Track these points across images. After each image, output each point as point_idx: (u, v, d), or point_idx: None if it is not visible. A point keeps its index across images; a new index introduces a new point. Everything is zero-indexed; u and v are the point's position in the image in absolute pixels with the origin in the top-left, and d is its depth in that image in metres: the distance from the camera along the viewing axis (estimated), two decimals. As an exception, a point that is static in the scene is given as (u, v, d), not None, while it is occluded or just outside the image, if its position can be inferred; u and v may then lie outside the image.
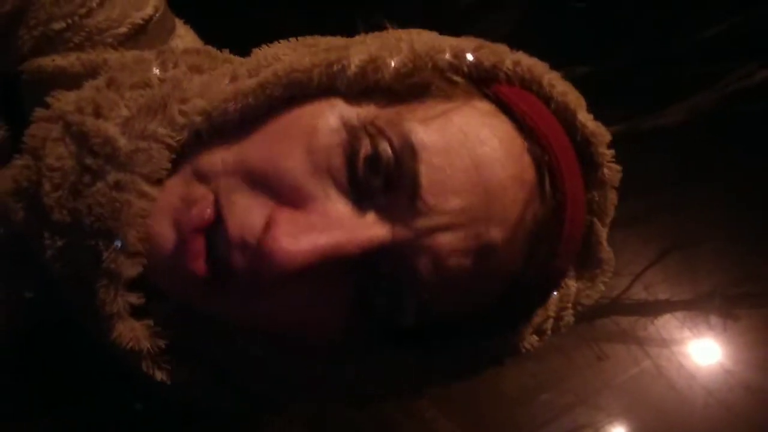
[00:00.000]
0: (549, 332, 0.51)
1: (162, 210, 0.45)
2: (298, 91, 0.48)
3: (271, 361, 0.49)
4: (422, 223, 0.43)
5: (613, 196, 0.52)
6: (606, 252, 0.52)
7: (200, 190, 0.45)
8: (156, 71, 0.50)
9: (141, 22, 0.57)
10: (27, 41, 0.54)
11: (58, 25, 0.55)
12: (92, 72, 0.52)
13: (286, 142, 0.46)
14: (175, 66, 0.51)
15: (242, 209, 0.44)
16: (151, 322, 0.46)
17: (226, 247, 0.44)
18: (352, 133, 0.44)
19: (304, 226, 0.43)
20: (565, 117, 0.51)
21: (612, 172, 0.51)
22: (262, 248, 0.42)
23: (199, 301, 0.46)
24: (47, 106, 0.49)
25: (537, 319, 0.50)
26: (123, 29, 0.56)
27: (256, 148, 0.46)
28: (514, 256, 0.45)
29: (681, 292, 1.79)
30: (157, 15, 0.58)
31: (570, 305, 0.51)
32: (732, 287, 1.77)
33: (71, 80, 0.52)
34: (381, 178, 0.43)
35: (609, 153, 0.52)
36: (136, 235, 0.44)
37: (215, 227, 0.44)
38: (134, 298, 0.45)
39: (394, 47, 0.48)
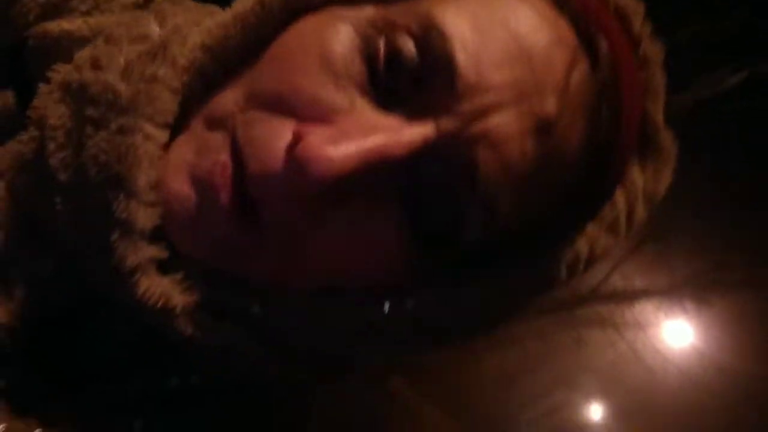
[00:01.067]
0: (623, 230, 0.47)
1: (176, 166, 0.42)
2: (300, 5, 0.45)
3: (317, 312, 0.44)
4: (468, 105, 0.39)
5: (659, 76, 0.48)
6: (667, 138, 0.48)
7: (215, 137, 0.42)
8: (156, 28, 0.47)
9: None
10: (33, 8, 0.53)
11: None
12: (98, 36, 0.49)
13: (298, 57, 0.42)
14: (174, 16, 0.49)
15: (262, 139, 0.40)
16: (179, 276, 0.43)
17: (252, 182, 0.40)
18: (365, 36, 0.41)
19: (338, 134, 0.38)
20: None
21: (655, 48, 0.48)
22: (295, 162, 0.38)
23: (230, 255, 0.42)
24: (49, 81, 0.48)
25: (607, 219, 0.46)
26: None
27: (266, 73, 0.43)
28: (575, 130, 0.41)
29: (656, 280, 1.83)
30: None
31: (640, 197, 0.47)
32: (705, 275, 1.83)
33: (77, 45, 0.50)
34: (407, 76, 0.40)
35: (648, 26, 0.48)
36: (146, 179, 0.41)
37: (240, 169, 0.40)
38: (156, 251, 0.42)
39: None
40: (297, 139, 0.38)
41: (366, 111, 0.40)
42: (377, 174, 0.39)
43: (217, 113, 0.43)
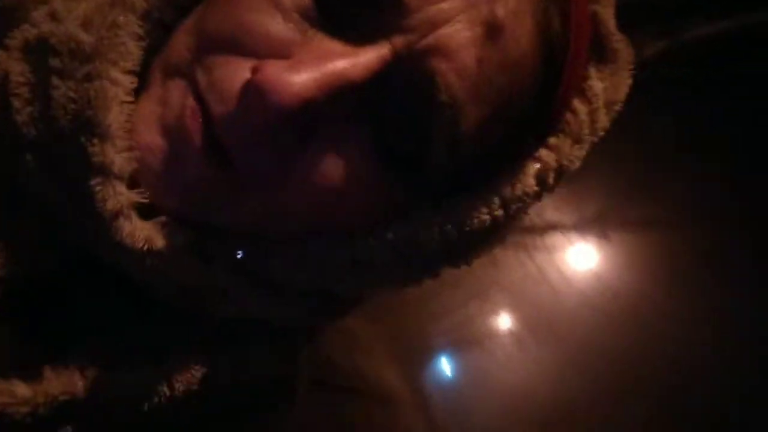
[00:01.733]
0: (587, 138, 0.46)
1: (144, 118, 0.41)
2: None
3: (300, 251, 0.43)
4: (418, 20, 0.37)
5: None
6: (620, 41, 0.47)
7: (177, 86, 0.41)
8: None
9: None
10: None
11: None
12: None
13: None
14: None
15: (221, 81, 0.39)
16: (163, 219, 0.42)
17: (218, 126, 0.39)
18: None
19: (296, 63, 0.37)
20: None
21: None
22: (254, 93, 0.36)
23: (208, 204, 0.42)
24: (8, 47, 0.45)
25: (570, 129, 0.45)
26: None
27: (215, 14, 0.41)
28: (524, 32, 0.40)
29: (566, 214, 2.02)
30: None
31: (601, 105, 0.46)
32: (608, 212, 2.04)
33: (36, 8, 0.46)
34: (355, 1, 0.39)
35: None
36: (117, 123, 0.40)
37: (205, 114, 0.40)
38: (136, 196, 0.41)
39: None
40: (254, 73, 0.37)
41: (319, 40, 0.39)
42: (340, 102, 0.38)
43: (173, 61, 0.42)
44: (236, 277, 0.44)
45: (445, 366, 2.00)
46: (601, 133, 0.48)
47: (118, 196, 0.40)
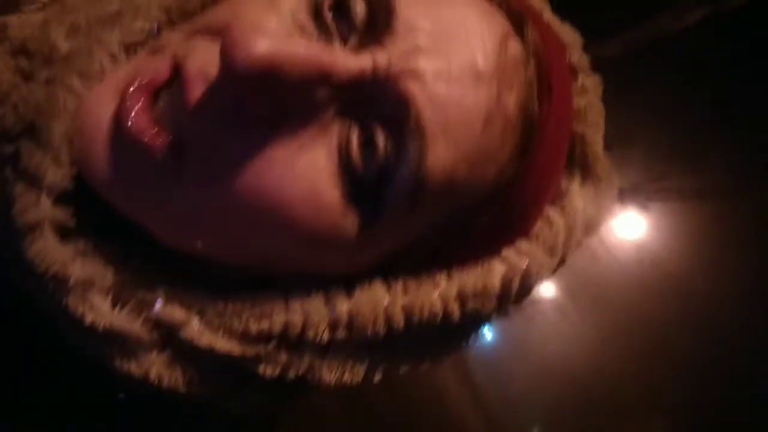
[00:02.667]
0: (560, 252, 0.44)
1: (105, 83, 0.39)
2: None
3: (238, 306, 0.40)
4: (402, 44, 0.37)
5: (599, 106, 0.47)
6: (605, 167, 0.46)
7: (155, 59, 0.39)
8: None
9: None
10: None
11: None
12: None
13: (249, 1, 0.39)
14: None
15: (199, 60, 0.37)
16: (81, 245, 0.38)
17: (182, 102, 0.36)
18: None
19: (272, 31, 0.36)
20: (533, 14, 0.45)
21: (592, 80, 0.47)
22: (224, 47, 0.34)
23: (143, 190, 0.38)
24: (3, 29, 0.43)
25: (543, 237, 0.44)
26: None
27: (216, 11, 0.40)
28: (511, 97, 0.39)
29: None
30: None
31: (578, 223, 0.45)
32: (650, 183, 2.04)
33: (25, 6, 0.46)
34: (348, 16, 0.38)
35: (586, 58, 0.47)
36: (61, 133, 0.37)
37: (174, 88, 0.37)
38: (60, 214, 0.38)
39: None
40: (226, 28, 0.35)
41: (305, 39, 0.38)
42: (311, 93, 0.36)
43: (163, 43, 0.40)
44: (146, 330, 0.39)
45: (486, 331, 2.02)
46: (574, 251, 0.46)
47: (40, 208, 0.37)
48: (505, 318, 0.44)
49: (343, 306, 0.40)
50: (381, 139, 0.37)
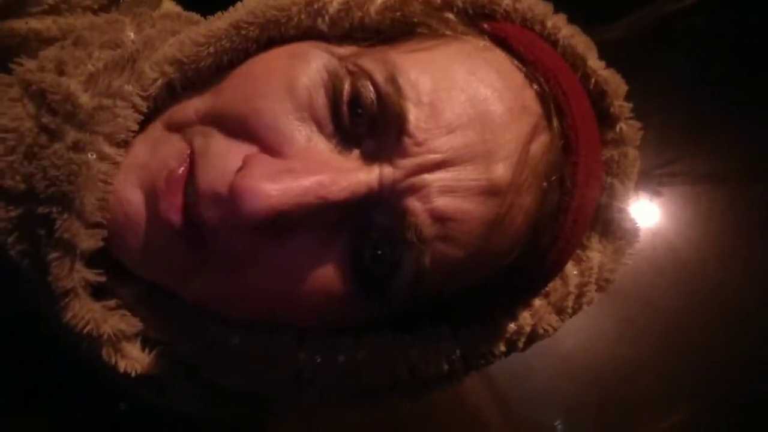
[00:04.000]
0: (569, 312, 0.45)
1: (128, 168, 0.40)
2: (276, 33, 0.43)
3: (252, 349, 0.42)
4: (410, 161, 0.38)
5: (634, 156, 0.47)
6: (630, 220, 0.47)
7: (173, 143, 0.40)
8: (130, 34, 0.44)
9: None
10: None
11: None
12: (68, 36, 0.46)
13: (265, 82, 0.39)
14: (152, 27, 0.46)
15: (215, 156, 0.38)
16: (112, 303, 0.41)
17: (200, 198, 0.38)
18: (334, 73, 0.39)
19: (283, 169, 0.37)
20: (574, 62, 0.45)
21: (631, 129, 0.47)
22: (232, 189, 0.36)
23: (171, 272, 0.41)
24: (10, 71, 0.45)
25: (555, 296, 0.45)
26: None
27: (232, 92, 0.41)
28: (525, 201, 0.40)
29: None
30: None
31: (593, 280, 0.46)
32: (664, 167, 2.05)
33: (45, 45, 0.47)
34: (365, 120, 0.39)
35: (627, 106, 0.47)
36: (94, 202, 0.39)
37: (191, 181, 0.39)
38: (92, 275, 0.40)
39: None
40: (243, 165, 0.37)
41: (320, 145, 0.39)
42: (319, 215, 0.38)
43: (177, 119, 0.41)
44: (172, 370, 0.43)
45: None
46: (586, 307, 0.47)
47: (74, 273, 0.39)
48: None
49: (351, 362, 0.42)
50: (385, 250, 0.39)
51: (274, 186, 0.36)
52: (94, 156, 0.39)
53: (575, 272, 0.45)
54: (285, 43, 0.43)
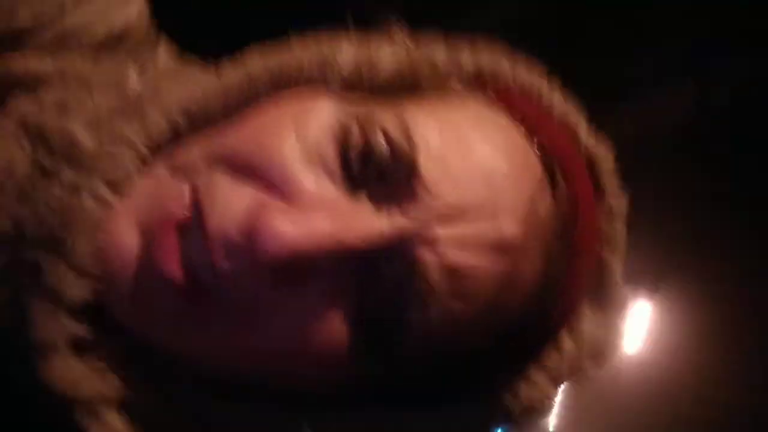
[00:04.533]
0: (562, 380, 0.45)
1: (126, 211, 0.39)
2: (284, 82, 0.43)
3: (239, 420, 0.41)
4: (424, 213, 0.38)
5: (622, 229, 0.47)
6: (620, 292, 0.47)
7: (174, 185, 0.39)
8: (134, 76, 0.44)
9: (121, 26, 0.50)
10: None
11: (25, 24, 0.47)
12: (67, 79, 0.45)
13: (275, 126, 0.40)
14: (155, 71, 0.46)
15: (224, 199, 0.37)
16: (94, 361, 0.39)
17: (206, 246, 0.37)
18: (345, 124, 0.40)
19: (300, 213, 0.37)
20: (568, 130, 0.46)
21: (620, 203, 0.47)
22: (253, 232, 0.35)
23: (164, 323, 0.39)
24: (5, 104, 0.43)
25: (553, 364, 0.44)
26: (100, 32, 0.49)
27: (240, 134, 0.40)
28: (530, 259, 0.40)
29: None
30: (139, 23, 0.51)
31: (587, 351, 0.45)
32: (659, 265, 2.04)
33: (43, 84, 0.45)
34: (375, 170, 0.39)
35: (615, 178, 0.47)
36: (87, 248, 0.37)
37: (191, 227, 0.37)
38: (78, 328, 0.38)
39: (389, 45, 0.44)
40: (258, 207, 0.36)
41: (330, 194, 0.38)
42: (336, 259, 0.38)
43: (180, 161, 0.40)
44: None
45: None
46: (576, 378, 0.46)
47: (59, 327, 0.37)
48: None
49: (346, 428, 0.41)
50: (393, 305, 0.38)
51: (294, 228, 0.35)
52: (91, 200, 0.38)
53: (570, 341, 0.44)
54: (294, 88, 0.43)
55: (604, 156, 0.47)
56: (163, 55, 0.53)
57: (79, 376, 0.37)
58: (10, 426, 0.42)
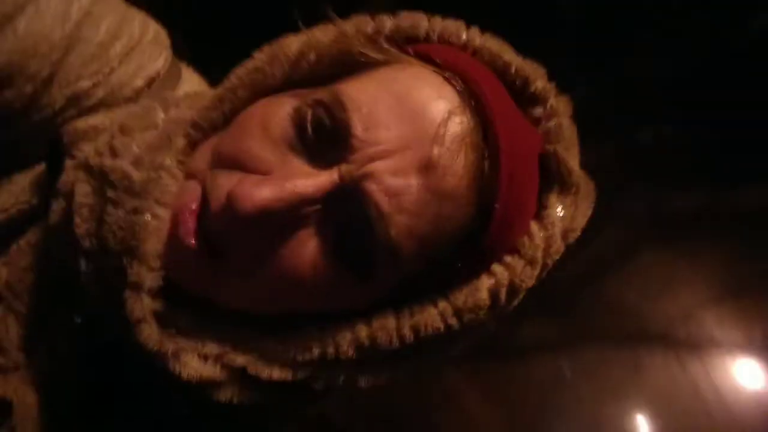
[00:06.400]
0: (540, 260, 0.51)
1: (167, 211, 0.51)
2: (261, 89, 0.54)
3: (284, 342, 0.52)
4: (360, 155, 0.47)
5: (568, 124, 0.54)
6: (580, 176, 0.53)
7: (190, 186, 0.51)
8: (161, 115, 0.56)
9: (154, 74, 0.64)
10: (59, 99, 0.60)
11: (86, 84, 0.60)
12: (115, 125, 0.56)
13: (248, 127, 0.51)
14: (177, 107, 0.57)
15: (218, 186, 0.49)
16: (173, 330, 0.51)
17: (211, 219, 0.49)
18: (298, 109, 0.50)
19: (262, 180, 0.47)
20: (492, 60, 0.55)
21: (560, 102, 0.54)
22: (228, 198, 0.46)
23: (205, 283, 0.51)
24: (74, 157, 0.57)
25: (524, 250, 0.51)
26: (139, 82, 0.63)
27: (227, 139, 0.52)
28: (456, 169, 0.48)
29: (733, 333, 1.92)
30: (167, 65, 0.65)
31: (557, 232, 0.52)
32: None
33: (99, 134, 0.58)
34: (326, 136, 0.49)
35: (550, 86, 0.55)
36: (153, 250, 0.50)
37: (205, 210, 0.50)
38: (157, 305, 0.51)
39: (328, 28, 0.54)
40: (236, 183, 0.47)
41: (293, 164, 0.49)
42: (301, 211, 0.48)
43: (193, 169, 0.52)
44: (226, 373, 0.52)
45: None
46: (556, 257, 0.53)
47: (144, 306, 0.50)
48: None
49: (363, 332, 0.50)
50: (359, 235, 0.48)
51: (258, 190, 0.46)
52: (149, 216, 0.50)
53: (537, 227, 0.51)
54: (270, 94, 0.54)
55: (532, 68, 0.54)
56: (187, 85, 0.68)
57: (163, 339, 0.50)
58: (125, 378, 0.57)
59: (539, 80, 0.54)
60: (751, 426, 1.96)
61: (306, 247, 0.49)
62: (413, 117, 0.48)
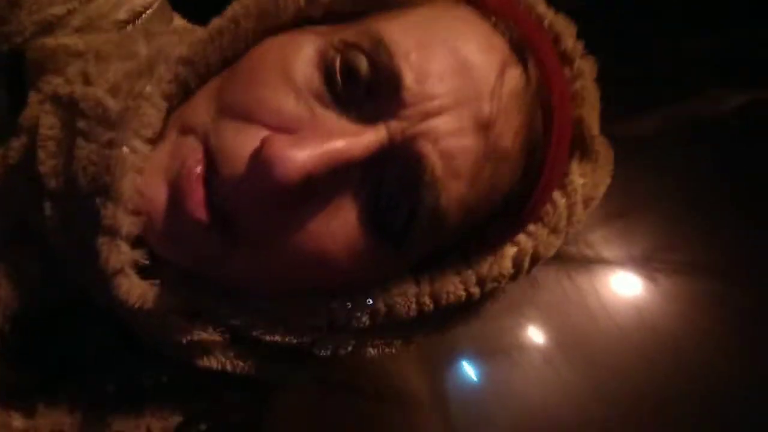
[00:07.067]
0: (563, 230, 0.49)
1: (152, 170, 0.43)
2: (270, 23, 0.47)
3: (289, 306, 0.46)
4: (413, 111, 0.41)
5: (593, 88, 0.50)
6: (601, 143, 0.50)
7: (188, 142, 0.44)
8: (143, 46, 0.49)
9: (140, 9, 0.56)
10: (28, 26, 0.53)
11: (58, 10, 0.53)
12: (91, 51, 0.50)
13: (263, 72, 0.43)
14: (161, 38, 0.50)
15: (231, 147, 0.42)
16: (158, 282, 0.44)
17: (223, 186, 0.42)
18: (324, 52, 0.43)
19: (301, 139, 0.40)
20: (527, 12, 0.50)
21: (587, 64, 0.50)
22: (261, 164, 0.39)
23: (204, 260, 0.44)
24: (39, 90, 0.49)
25: (548, 219, 0.48)
26: (122, 15, 0.55)
27: (236, 85, 0.44)
28: (510, 128, 0.44)
29: (615, 250, 2.06)
30: (156, 4, 0.57)
31: (579, 200, 0.49)
32: (657, 253, 2.05)
33: (72, 59, 0.51)
34: (362, 86, 0.42)
35: (580, 45, 0.51)
36: (130, 189, 0.42)
37: (211, 174, 0.42)
38: (138, 255, 0.44)
39: None
40: (263, 143, 0.40)
41: (326, 118, 0.42)
42: (340, 174, 0.41)
43: (190, 121, 0.44)
44: (218, 335, 0.47)
45: (469, 372, 2.05)
46: (578, 226, 0.51)
47: (121, 255, 0.43)
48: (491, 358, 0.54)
49: (380, 299, 0.46)
50: (401, 199, 0.42)
51: (300, 152, 0.39)
52: (127, 150, 0.43)
53: (560, 195, 0.49)
54: (279, 31, 0.47)
55: (565, 25, 0.50)
56: (175, 22, 0.60)
57: (146, 292, 0.43)
58: (99, 340, 0.50)
59: (570, 38, 0.50)
60: (629, 329, 2.12)
61: (338, 216, 0.43)
62: (466, 69, 0.43)
